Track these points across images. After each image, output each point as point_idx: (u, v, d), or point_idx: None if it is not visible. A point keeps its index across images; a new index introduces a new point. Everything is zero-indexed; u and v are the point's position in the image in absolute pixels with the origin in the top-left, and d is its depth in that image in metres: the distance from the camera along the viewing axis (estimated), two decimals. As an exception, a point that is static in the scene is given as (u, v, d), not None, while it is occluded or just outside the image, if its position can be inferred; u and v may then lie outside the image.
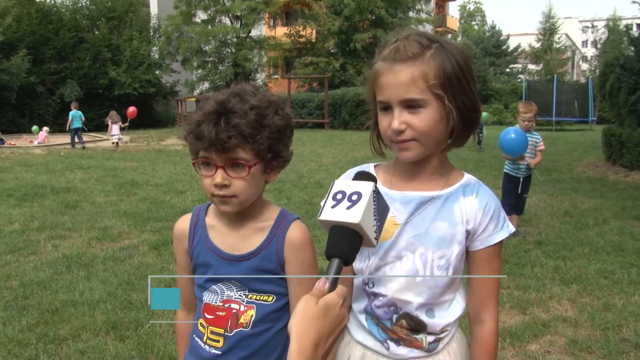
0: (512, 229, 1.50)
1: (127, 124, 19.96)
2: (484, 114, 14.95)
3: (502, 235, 1.46)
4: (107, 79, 31.98)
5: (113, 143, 18.44)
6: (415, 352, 1.48)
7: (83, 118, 19.39)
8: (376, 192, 1.16)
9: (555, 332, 3.90)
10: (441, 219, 1.44)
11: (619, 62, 12.78)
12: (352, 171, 1.54)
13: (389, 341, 1.49)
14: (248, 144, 1.42)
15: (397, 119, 1.35)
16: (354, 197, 1.14)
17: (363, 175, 1.20)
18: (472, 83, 1.39)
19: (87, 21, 35.12)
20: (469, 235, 1.45)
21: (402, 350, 1.48)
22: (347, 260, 1.12)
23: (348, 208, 1.12)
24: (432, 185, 1.47)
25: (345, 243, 1.12)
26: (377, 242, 1.17)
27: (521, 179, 6.56)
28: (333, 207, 1.14)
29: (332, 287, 1.08)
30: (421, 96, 1.33)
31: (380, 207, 1.17)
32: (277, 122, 1.46)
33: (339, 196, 1.15)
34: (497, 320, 1.52)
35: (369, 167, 1.56)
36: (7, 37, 28.29)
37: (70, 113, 19.03)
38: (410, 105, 1.34)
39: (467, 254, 1.48)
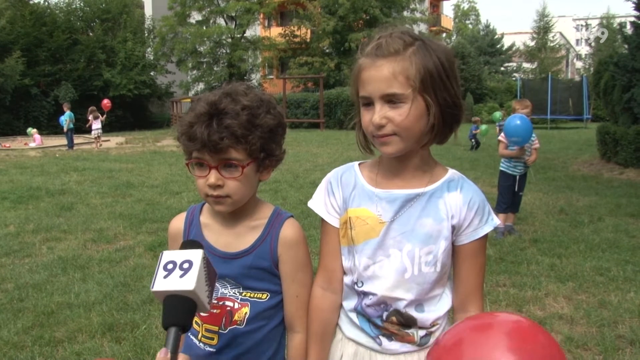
0: (497, 221, 1.52)
1: (104, 115, 20.45)
2: (497, 113, 14.80)
3: (487, 229, 1.48)
4: (102, 80, 31.94)
5: (96, 137, 19.16)
6: (407, 347, 1.50)
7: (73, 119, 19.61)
8: (205, 259, 1.19)
9: (551, 330, 3.91)
10: (426, 216, 1.46)
11: (613, 60, 12.81)
12: (338, 170, 1.60)
13: (381, 337, 1.51)
14: (240, 144, 1.43)
15: (378, 114, 1.38)
16: (185, 266, 1.16)
17: (190, 244, 1.24)
18: (454, 81, 1.41)
19: (81, 23, 35.05)
20: (455, 230, 1.47)
21: (395, 345, 1.50)
22: (185, 328, 1.14)
23: (181, 277, 1.14)
24: (417, 182, 1.48)
25: (181, 311, 1.13)
26: (210, 307, 1.20)
27: (518, 177, 6.57)
28: (165, 277, 1.16)
29: (174, 356, 1.09)
30: (402, 91, 1.35)
31: (210, 273, 1.21)
32: (269, 121, 1.48)
33: (170, 266, 1.17)
34: (482, 311, 1.54)
35: (354, 166, 1.59)
36: (1, 39, 28.26)
37: (67, 114, 19.09)
38: (391, 100, 1.37)
39: (453, 248, 1.50)
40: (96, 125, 19.38)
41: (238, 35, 36.28)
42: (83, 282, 5.00)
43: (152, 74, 35.45)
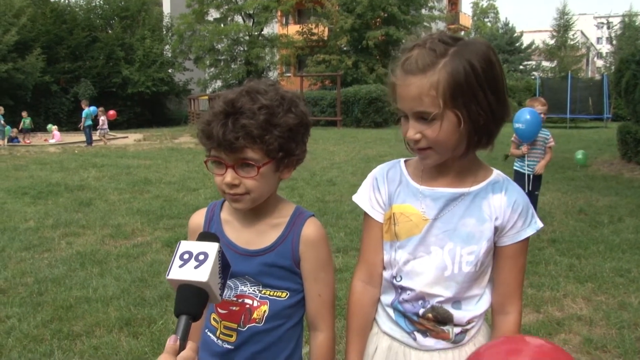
0: (540, 224, 1.51)
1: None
2: None
3: (529, 232, 1.49)
4: (121, 77, 32.22)
5: (102, 136, 20.12)
6: (442, 343, 1.51)
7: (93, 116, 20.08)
8: (220, 252, 1.23)
9: (569, 331, 3.87)
10: (470, 216, 1.47)
11: (635, 58, 12.61)
12: (384, 166, 1.60)
13: (415, 332, 1.52)
14: (256, 144, 1.41)
15: (412, 129, 1.39)
16: (201, 257, 1.20)
17: (207, 236, 1.28)
18: (490, 89, 1.36)
19: (101, 20, 35.37)
20: (497, 231, 1.48)
21: (429, 342, 1.51)
22: (195, 317, 1.18)
23: (196, 267, 1.18)
24: (461, 182, 1.49)
25: (193, 301, 1.18)
26: (221, 298, 1.25)
27: (531, 176, 6.49)
28: (181, 266, 1.20)
29: (183, 343, 1.12)
30: (431, 109, 1.34)
31: (224, 266, 1.24)
32: (290, 120, 1.46)
33: (186, 256, 1.21)
34: (521, 313, 1.55)
35: (400, 162, 1.59)
36: (22, 37, 28.57)
37: (86, 111, 19.54)
38: (423, 116, 1.37)
39: (494, 249, 1.50)
40: (105, 124, 20.35)
41: (256, 33, 36.35)
42: (101, 277, 5.05)
43: (170, 71, 35.66)
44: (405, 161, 1.60)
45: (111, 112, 22.52)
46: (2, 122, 20.53)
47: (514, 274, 1.51)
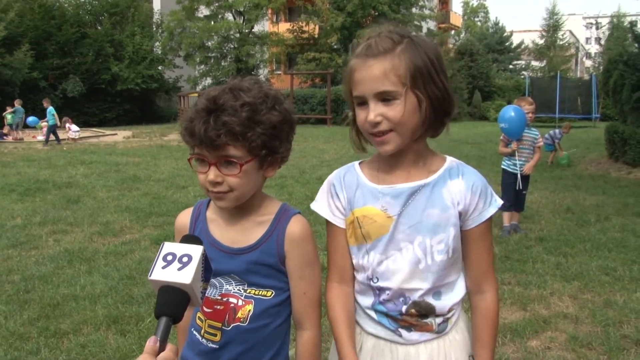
0: (500, 202, 1.55)
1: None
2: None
3: (491, 211, 1.52)
4: (110, 74, 31.95)
5: (73, 139, 20.23)
6: (426, 335, 1.53)
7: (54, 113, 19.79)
8: (204, 255, 1.22)
9: (555, 329, 3.90)
10: (432, 206, 1.48)
11: (623, 58, 12.72)
12: (340, 171, 1.61)
13: (400, 329, 1.53)
14: (239, 141, 1.41)
15: (373, 112, 1.42)
16: (185, 259, 1.19)
17: (191, 239, 1.27)
18: (443, 75, 1.45)
19: (90, 16, 35.05)
20: (462, 215, 1.50)
21: (414, 335, 1.53)
22: (176, 319, 1.17)
23: (179, 269, 1.18)
24: (418, 173, 1.51)
25: (174, 303, 1.16)
26: (201, 302, 1.24)
27: (519, 175, 6.52)
28: (164, 267, 1.19)
29: (163, 344, 1.11)
30: (393, 88, 1.39)
31: (207, 270, 1.24)
32: (273, 117, 1.45)
33: (170, 257, 1.20)
34: (497, 290, 1.58)
35: (354, 166, 1.60)
36: (10, 32, 28.25)
37: (51, 109, 19.31)
38: (385, 97, 1.40)
39: (461, 233, 1.53)
40: (75, 128, 20.55)
41: (246, 31, 36.24)
42: (89, 274, 5.02)
43: (159, 68, 35.42)
44: (359, 163, 1.60)
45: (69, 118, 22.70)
46: (22, 115, 21.17)
47: (483, 254, 1.54)
